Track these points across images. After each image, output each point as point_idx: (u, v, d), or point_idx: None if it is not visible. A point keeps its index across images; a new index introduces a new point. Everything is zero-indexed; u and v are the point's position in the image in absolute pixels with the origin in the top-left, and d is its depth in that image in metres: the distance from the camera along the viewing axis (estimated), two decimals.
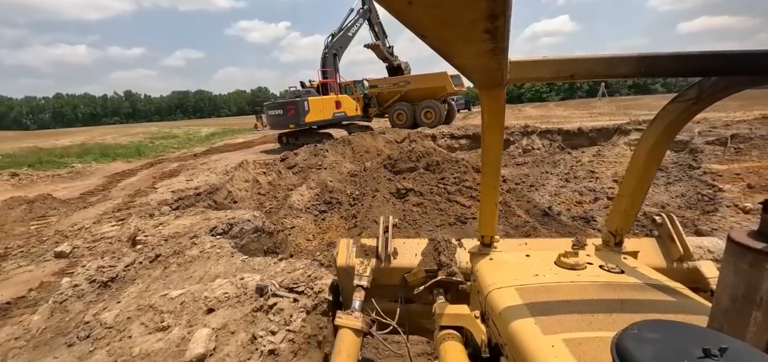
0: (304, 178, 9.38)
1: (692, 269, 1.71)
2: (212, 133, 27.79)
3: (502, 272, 1.41)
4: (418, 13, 0.46)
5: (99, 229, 6.02)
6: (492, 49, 0.59)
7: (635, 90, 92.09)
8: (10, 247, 5.84)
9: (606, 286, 1.21)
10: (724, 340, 0.58)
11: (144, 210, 6.29)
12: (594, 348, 0.89)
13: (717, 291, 0.78)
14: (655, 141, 1.36)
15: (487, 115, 1.20)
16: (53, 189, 9.37)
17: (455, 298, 1.90)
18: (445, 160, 8.64)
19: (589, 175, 8.96)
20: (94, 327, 2.78)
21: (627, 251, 1.60)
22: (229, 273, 2.97)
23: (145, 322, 2.57)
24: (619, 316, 1.02)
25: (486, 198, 1.55)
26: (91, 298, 3.49)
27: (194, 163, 12.34)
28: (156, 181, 9.67)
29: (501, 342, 1.16)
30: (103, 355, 2.42)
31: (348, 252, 2.10)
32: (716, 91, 1.11)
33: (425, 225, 6.79)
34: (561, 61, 1.05)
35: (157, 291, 2.97)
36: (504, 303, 1.18)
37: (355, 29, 16.88)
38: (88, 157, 14.76)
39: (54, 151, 16.83)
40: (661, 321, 0.69)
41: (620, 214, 1.57)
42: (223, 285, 2.65)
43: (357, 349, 1.72)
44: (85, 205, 7.79)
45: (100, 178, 11.02)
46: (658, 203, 7.01)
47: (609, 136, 10.90)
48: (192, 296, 2.68)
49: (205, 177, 8.93)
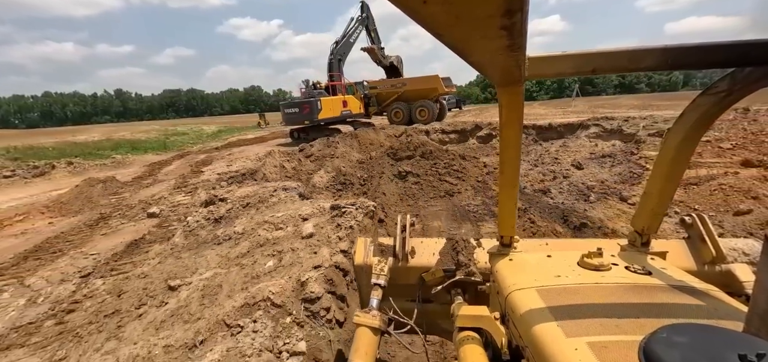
0: (321, 165, 11.27)
1: (725, 272, 1.63)
2: (218, 131, 29.43)
3: (522, 273, 1.39)
4: (432, 11, 0.45)
5: (174, 198, 7.88)
6: (509, 45, 0.58)
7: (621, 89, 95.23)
8: (107, 212, 7.67)
9: (632, 288, 1.17)
10: (761, 345, 0.55)
11: (206, 185, 8.17)
12: (620, 352, 0.86)
13: (753, 292, 0.73)
14: (684, 136, 1.30)
15: (506, 112, 1.17)
16: (109, 174, 11.16)
17: (473, 299, 1.88)
18: (437, 149, 10.67)
19: (553, 161, 11.04)
20: (229, 235, 4.71)
21: (654, 252, 1.53)
22: (306, 205, 4.93)
23: (265, 228, 4.51)
24: (647, 319, 0.98)
25: (504, 198, 1.52)
26: (209, 228, 5.40)
27: (219, 154, 14.18)
28: (194, 169, 11.50)
29: (522, 344, 1.13)
30: (246, 244, 4.35)
31: (365, 250, 2.13)
32: (750, 81, 1.04)
33: (421, 197, 8.77)
34: (581, 56, 1.03)
35: (262, 216, 4.91)
36: (525, 304, 1.15)
37: (355, 36, 18.96)
38: (121, 150, 16.52)
39: (87, 145, 18.49)
40: (693, 325, 0.65)
41: (647, 213, 1.50)
42: (308, 208, 4.59)
43: (375, 347, 1.72)
44: (146, 185, 9.62)
45: (140, 166, 12.80)
46: (600, 179, 9.08)
47: (573, 130, 13.03)
48: (289, 214, 4.62)
49: (241, 163, 10.82)
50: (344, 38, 18.29)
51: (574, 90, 31.48)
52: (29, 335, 3.56)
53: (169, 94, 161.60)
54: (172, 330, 3.11)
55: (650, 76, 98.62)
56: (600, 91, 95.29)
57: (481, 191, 8.73)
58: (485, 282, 1.82)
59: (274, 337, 2.80)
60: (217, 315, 3.03)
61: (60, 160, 12.64)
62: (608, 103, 25.68)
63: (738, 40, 0.93)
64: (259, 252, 3.98)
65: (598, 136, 12.20)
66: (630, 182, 8.63)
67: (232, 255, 4.10)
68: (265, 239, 4.19)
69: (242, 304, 3.08)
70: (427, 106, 20.06)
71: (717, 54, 0.95)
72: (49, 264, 5.27)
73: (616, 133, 12.00)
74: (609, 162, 10.26)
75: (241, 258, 3.97)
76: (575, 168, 10.13)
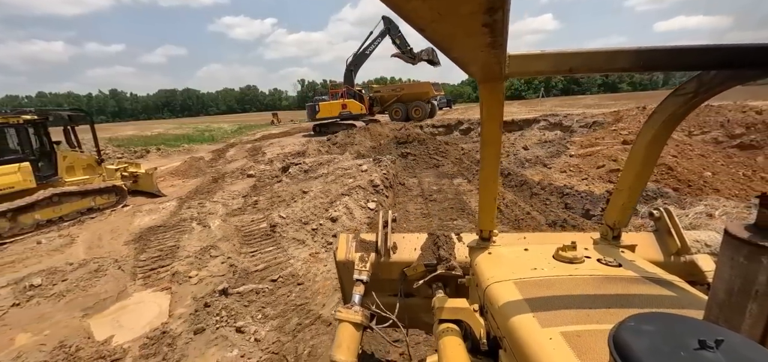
0: (344, 149, 15.62)
1: (689, 262, 1.71)
2: (238, 128, 33.55)
3: (500, 266, 1.43)
4: (415, 6, 0.46)
5: (258, 167, 12.21)
6: (491, 42, 0.59)
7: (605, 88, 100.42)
8: (218, 175, 11.94)
9: (604, 280, 1.23)
10: (720, 332, 0.59)
11: (276, 159, 12.52)
12: (591, 341, 0.90)
13: (713, 283, 0.78)
14: (653, 135, 1.35)
15: (486, 108, 1.20)
16: (192, 156, 15.41)
17: (454, 292, 1.93)
18: (429, 138, 15.14)
19: (511, 145, 15.55)
20: (319, 175, 9.13)
21: (625, 245, 1.60)
22: (357, 160, 9.32)
23: (339, 171, 8.92)
24: (617, 309, 1.03)
25: (485, 192, 1.55)
26: (302, 176, 9.78)
27: (262, 144, 18.47)
28: (251, 152, 15.80)
29: (499, 335, 1.18)
30: (332, 177, 8.78)
31: (347, 246, 2.18)
32: (715, 84, 1.10)
33: (417, 168, 13.21)
34: (559, 55, 1.06)
35: (334, 167, 9.31)
36: (502, 296, 1.19)
37: (372, 47, 22.04)
38: (181, 142, 20.73)
39: (152, 138, 22.65)
40: (658, 314, 0.68)
41: (618, 208, 1.57)
42: (359, 161, 8.98)
43: (357, 342, 1.80)
44: (227, 162, 13.93)
45: (206, 153, 17.06)
46: (536, 155, 13.57)
47: (529, 125, 17.56)
48: (349, 165, 9.03)
49: (290, 148, 15.17)
50: (360, 51, 22.02)
51: (540, 91, 36.29)
52: (241, 210, 7.89)
53: (164, 94, 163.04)
54: (315, 203, 7.47)
55: (632, 75, 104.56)
56: (585, 90, 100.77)
57: (458, 164, 13.21)
58: (465, 275, 1.88)
59: (360, 200, 7.20)
60: (335, 193, 7.43)
61: (151, 147, 16.84)
62: (568, 103, 30.43)
63: (705, 45, 1.00)
64: (342, 178, 8.39)
65: (545, 128, 16.73)
66: (554, 157, 13.11)
67: (328, 180, 8.50)
68: (343, 172, 8.60)
69: (344, 191, 7.48)
70: (420, 106, 24.60)
71: (686, 57, 1.01)
72: (213, 195, 9.57)
73: (557, 126, 16.54)
74: (547, 146, 14.76)
75: (334, 180, 8.37)
76: (523, 149, 14.60)
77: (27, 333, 4.17)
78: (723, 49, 0.97)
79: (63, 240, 6.87)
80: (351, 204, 7.02)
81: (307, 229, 6.23)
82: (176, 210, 8.22)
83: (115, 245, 6.58)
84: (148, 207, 8.71)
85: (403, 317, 1.98)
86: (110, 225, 7.67)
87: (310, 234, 6.07)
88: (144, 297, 4.86)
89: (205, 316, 4.06)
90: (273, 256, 5.50)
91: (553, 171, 11.27)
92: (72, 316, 4.45)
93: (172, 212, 8.15)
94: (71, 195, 7.97)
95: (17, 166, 7.41)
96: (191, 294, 4.67)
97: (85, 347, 3.77)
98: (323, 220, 6.46)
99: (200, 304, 4.28)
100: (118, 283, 5.21)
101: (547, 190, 8.45)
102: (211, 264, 5.41)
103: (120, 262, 5.77)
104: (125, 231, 7.20)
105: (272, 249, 5.73)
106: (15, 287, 5.13)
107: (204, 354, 3.56)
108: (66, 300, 4.85)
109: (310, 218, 6.58)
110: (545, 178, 10.16)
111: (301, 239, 5.93)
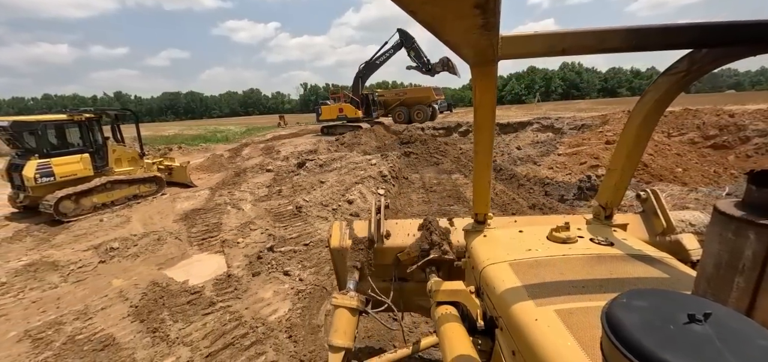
0: (352, 148, 16.91)
1: (674, 242, 1.76)
2: (247, 130, 34.91)
3: (495, 248, 1.46)
4: None
5: (275, 163, 13.49)
6: (483, 24, 0.58)
7: (604, 93, 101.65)
8: (240, 170, 13.20)
9: (596, 259, 1.26)
10: (708, 306, 0.61)
11: (291, 156, 13.81)
12: (585, 318, 0.92)
13: (702, 259, 0.79)
14: (645, 115, 1.36)
15: (479, 92, 1.19)
16: (213, 154, 16.69)
17: (447, 275, 1.96)
18: (429, 138, 16.41)
19: (506, 145, 16.81)
20: (334, 168, 10.41)
21: (617, 224, 1.64)
22: (367, 156, 10.59)
23: (351, 165, 10.21)
24: (609, 287, 1.05)
25: (479, 177, 1.57)
26: (317, 169, 11.06)
27: (274, 143, 19.78)
28: (265, 151, 17.10)
29: (496, 315, 1.20)
30: (345, 170, 10.07)
31: (341, 233, 2.20)
32: (707, 62, 1.09)
33: (419, 165, 14.45)
34: (552, 35, 1.05)
35: (347, 161, 10.59)
36: (498, 277, 1.22)
37: (383, 58, 22.30)
38: (198, 142, 22.07)
39: (171, 137, 24.03)
40: (649, 290, 0.70)
41: (611, 188, 1.59)
42: (369, 156, 10.25)
43: (353, 327, 1.84)
44: (245, 159, 15.23)
45: (224, 151, 18.37)
46: (527, 154, 14.81)
47: (524, 127, 18.84)
48: (360, 160, 10.30)
49: (302, 146, 16.47)
50: (372, 60, 22.62)
51: (536, 96, 37.77)
52: (267, 197, 9.15)
53: (168, 97, 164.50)
54: (332, 190, 8.73)
55: (632, 81, 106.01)
56: (584, 94, 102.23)
57: (456, 162, 14.46)
58: (459, 259, 1.91)
59: (372, 187, 8.48)
60: (349, 182, 8.70)
61: (174, 146, 18.19)
62: (562, 107, 31.77)
63: (696, 22, 0.98)
64: (354, 170, 9.66)
65: (538, 130, 18.00)
66: (544, 156, 14.36)
67: (342, 172, 9.78)
68: (355, 166, 9.87)
69: (357, 180, 8.75)
70: (422, 109, 25.96)
71: (677, 36, 1.01)
72: (239, 186, 10.84)
73: (549, 128, 17.81)
74: (539, 146, 16.02)
75: (347, 172, 9.64)
76: (516, 149, 15.85)
77: (119, 279, 5.43)
78: (714, 27, 0.98)
79: (120, 219, 8.15)
80: (364, 190, 8.28)
81: (328, 209, 7.49)
82: (210, 197, 9.49)
83: (166, 223, 7.85)
84: (185, 194, 10.00)
85: (397, 301, 2.05)
86: (156, 209, 8.95)
87: (331, 213, 7.33)
88: (202, 257, 6.13)
89: (258, 265, 5.32)
90: (303, 229, 6.76)
91: (541, 167, 12.53)
92: (150, 269, 5.71)
93: (207, 198, 9.43)
94: (121, 183, 9.27)
95: (79, 157, 8.71)
96: (242, 253, 5.93)
97: (171, 285, 5.03)
98: (341, 202, 7.72)
99: (253, 258, 5.55)
100: (179, 248, 6.47)
101: (532, 181, 9.71)
102: (252, 235, 6.67)
103: (175, 234, 7.03)
104: (171, 213, 8.47)
105: (301, 224, 6.99)
106: (96, 250, 6.40)
107: (263, 287, 4.81)
108: (141, 259, 6.12)
109: (330, 201, 7.84)
110: (532, 172, 11.39)
111: (324, 216, 7.19)
